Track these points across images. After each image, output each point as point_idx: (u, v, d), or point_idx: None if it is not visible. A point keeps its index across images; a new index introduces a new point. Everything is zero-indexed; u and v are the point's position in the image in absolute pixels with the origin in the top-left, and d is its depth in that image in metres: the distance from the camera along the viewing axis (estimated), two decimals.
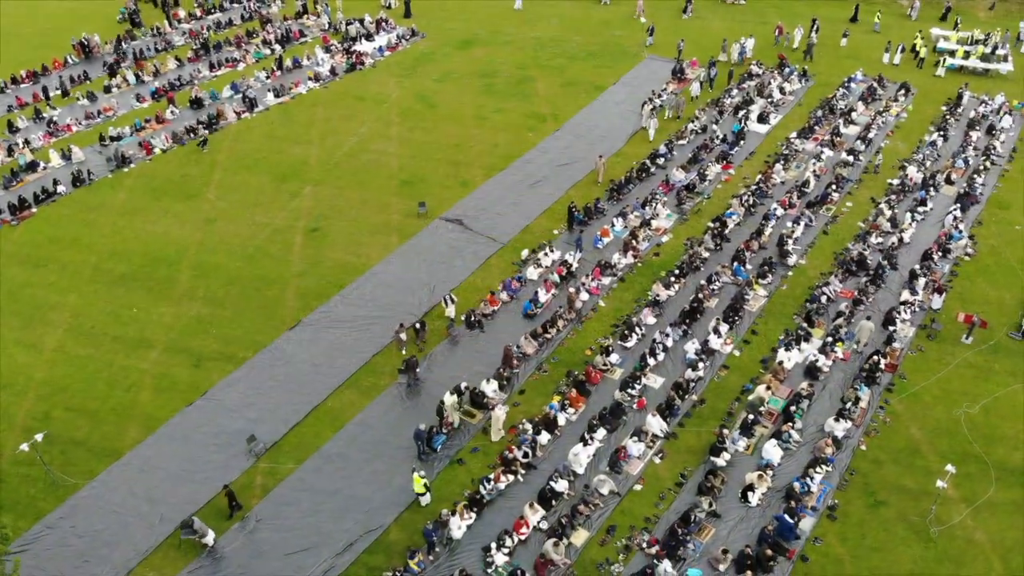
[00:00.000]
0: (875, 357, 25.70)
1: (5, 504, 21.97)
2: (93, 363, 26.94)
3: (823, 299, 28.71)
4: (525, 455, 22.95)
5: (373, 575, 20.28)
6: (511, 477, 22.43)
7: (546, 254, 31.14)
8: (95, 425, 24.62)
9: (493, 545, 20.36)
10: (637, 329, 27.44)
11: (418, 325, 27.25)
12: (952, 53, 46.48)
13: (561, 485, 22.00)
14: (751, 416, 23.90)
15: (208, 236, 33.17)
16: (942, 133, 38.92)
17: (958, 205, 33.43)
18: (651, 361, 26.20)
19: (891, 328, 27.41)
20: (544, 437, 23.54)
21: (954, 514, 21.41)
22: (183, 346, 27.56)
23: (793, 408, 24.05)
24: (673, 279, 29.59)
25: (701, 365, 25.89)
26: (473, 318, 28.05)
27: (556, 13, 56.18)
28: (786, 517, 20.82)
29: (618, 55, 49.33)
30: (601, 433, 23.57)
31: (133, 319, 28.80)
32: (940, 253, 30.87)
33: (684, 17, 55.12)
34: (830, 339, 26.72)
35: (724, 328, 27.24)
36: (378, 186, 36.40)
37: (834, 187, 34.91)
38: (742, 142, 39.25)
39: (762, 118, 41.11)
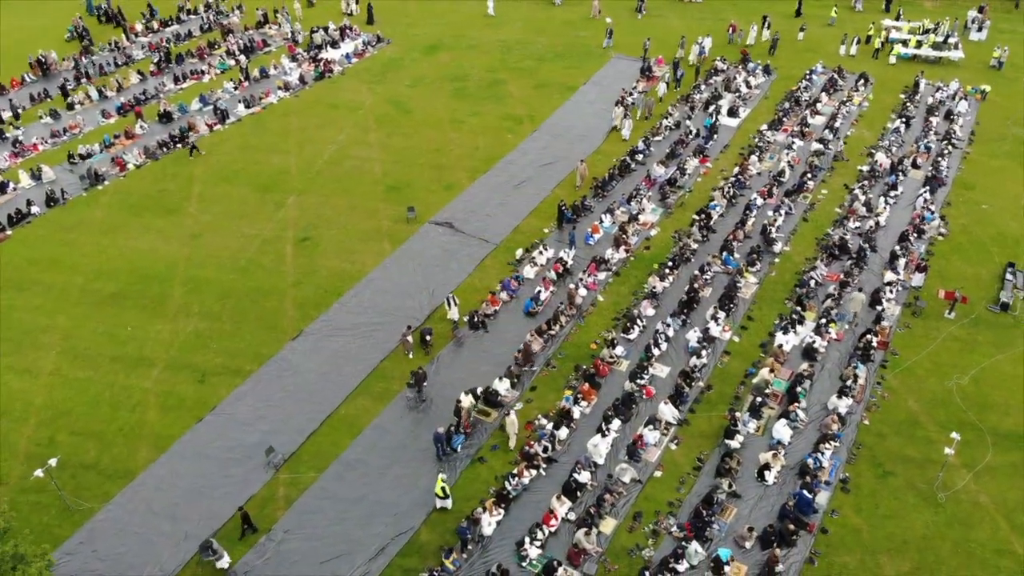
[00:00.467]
0: (868, 336, 26.80)
1: (20, 533, 21.35)
2: (94, 385, 26.36)
3: (811, 283, 29.78)
4: (545, 449, 23.32)
5: None
6: (534, 472, 22.77)
7: (540, 252, 31.58)
8: (104, 447, 24.14)
9: (526, 539, 20.67)
10: (639, 321, 28.07)
11: (427, 336, 27.23)
12: (905, 43, 48.47)
13: (584, 476, 22.46)
14: (759, 398, 24.71)
15: (196, 251, 32.69)
16: (904, 120, 40.63)
17: (927, 188, 34.99)
18: (655, 351, 26.84)
19: (879, 308, 28.60)
20: (563, 432, 23.94)
21: (957, 480, 22.53)
22: (185, 362, 27.17)
23: (798, 388, 24.93)
24: (667, 271, 30.32)
25: (704, 352, 26.64)
26: (476, 319, 28.30)
27: (518, 16, 56.73)
28: (804, 493, 21.63)
29: (584, 55, 50.08)
30: (616, 424, 24.09)
31: (129, 338, 28.26)
32: (915, 234, 32.29)
33: (638, 17, 56.12)
34: (823, 321, 27.76)
35: (721, 316, 28.06)
36: (364, 193, 36.34)
37: (809, 176, 36.18)
38: (715, 136, 40.33)
39: (732, 112, 42.29)
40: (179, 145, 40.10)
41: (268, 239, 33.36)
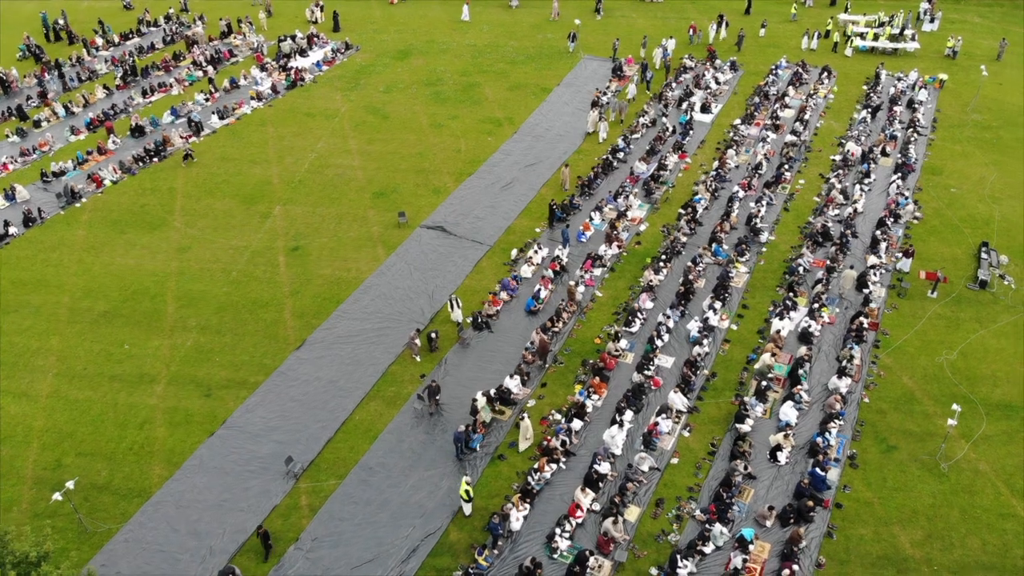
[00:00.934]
0: (860, 319, 27.85)
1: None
2: (96, 405, 25.86)
3: (800, 270, 30.78)
4: (563, 443, 23.70)
5: None
6: (554, 466, 23.13)
7: (535, 252, 31.97)
8: (115, 467, 23.71)
9: (557, 531, 21.02)
10: (639, 314, 28.66)
11: (433, 334, 27.39)
12: (863, 36, 50.26)
13: (604, 467, 22.91)
14: (763, 383, 25.50)
15: (185, 265, 32.24)
16: (870, 110, 42.16)
17: (899, 174, 36.42)
18: (658, 343, 27.45)
19: (866, 290, 29.72)
20: (576, 423, 24.35)
21: (957, 450, 23.60)
22: (189, 377, 26.82)
23: (801, 371, 25.79)
24: (661, 264, 31.00)
25: (705, 341, 27.35)
26: (480, 319, 28.56)
27: (484, 20, 57.14)
28: (817, 471, 22.43)
29: (555, 57, 50.73)
30: (629, 415, 24.58)
31: (127, 356, 27.77)
32: (892, 219, 33.60)
33: (598, 18, 56.84)
34: (815, 306, 28.73)
35: (718, 305, 28.83)
36: (350, 200, 36.27)
37: (786, 167, 37.34)
38: (691, 132, 41.29)
39: (705, 108, 43.33)
40: (155, 159, 39.44)
41: (258, 250, 33.08)
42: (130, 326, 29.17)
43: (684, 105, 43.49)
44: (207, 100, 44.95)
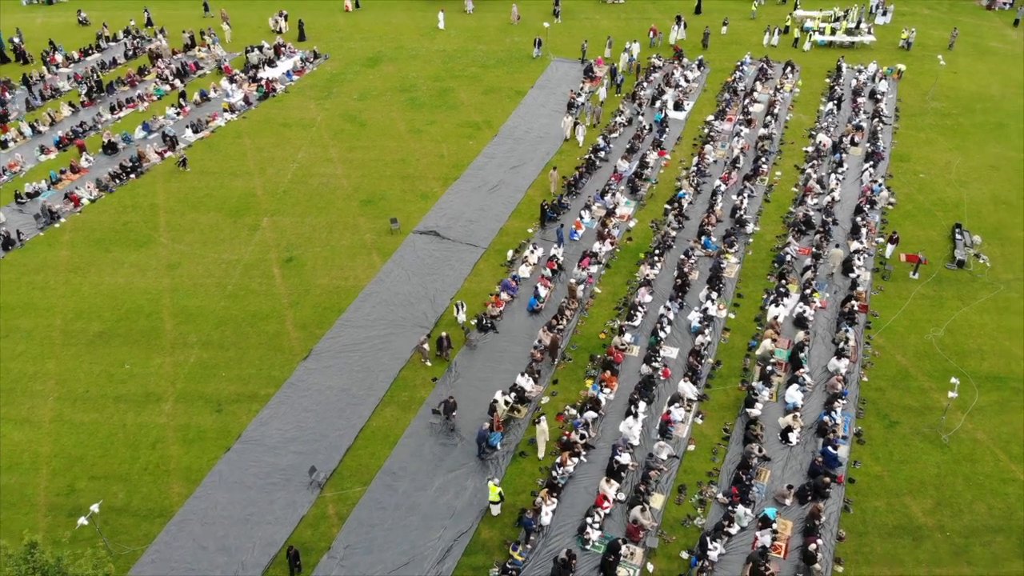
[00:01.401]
0: (850, 302, 28.99)
1: None
2: (103, 427, 25.38)
3: (788, 258, 31.85)
4: (582, 437, 24.16)
5: (481, 574, 20.79)
6: (575, 459, 23.59)
7: (531, 252, 32.40)
8: (132, 488, 23.34)
9: (588, 522, 21.47)
10: (639, 308, 29.32)
11: (444, 338, 27.47)
12: (821, 31, 52.05)
13: (625, 458, 23.44)
14: (768, 368, 26.37)
15: (178, 281, 31.79)
16: (835, 102, 43.73)
17: (870, 163, 37.91)
18: (662, 335, 28.14)
19: (852, 275, 30.92)
20: (589, 414, 24.84)
21: (955, 422, 24.79)
22: (196, 393, 26.51)
23: (801, 355, 26.75)
24: (655, 259, 31.74)
25: (707, 331, 28.14)
26: (484, 321, 28.86)
27: (451, 26, 57.32)
28: (829, 449, 23.34)
29: (525, 60, 51.28)
30: (642, 406, 25.19)
31: (129, 376, 27.31)
32: (869, 205, 34.98)
33: (556, 21, 57.16)
34: (807, 291, 29.79)
35: (714, 296, 29.67)
36: (339, 209, 36.18)
37: (763, 160, 38.52)
38: (667, 129, 42.25)
39: (678, 106, 44.38)
40: (132, 175, 38.73)
41: (251, 263, 32.79)
42: (128, 345, 28.67)
43: (657, 104, 44.46)
44: (178, 114, 44.24)
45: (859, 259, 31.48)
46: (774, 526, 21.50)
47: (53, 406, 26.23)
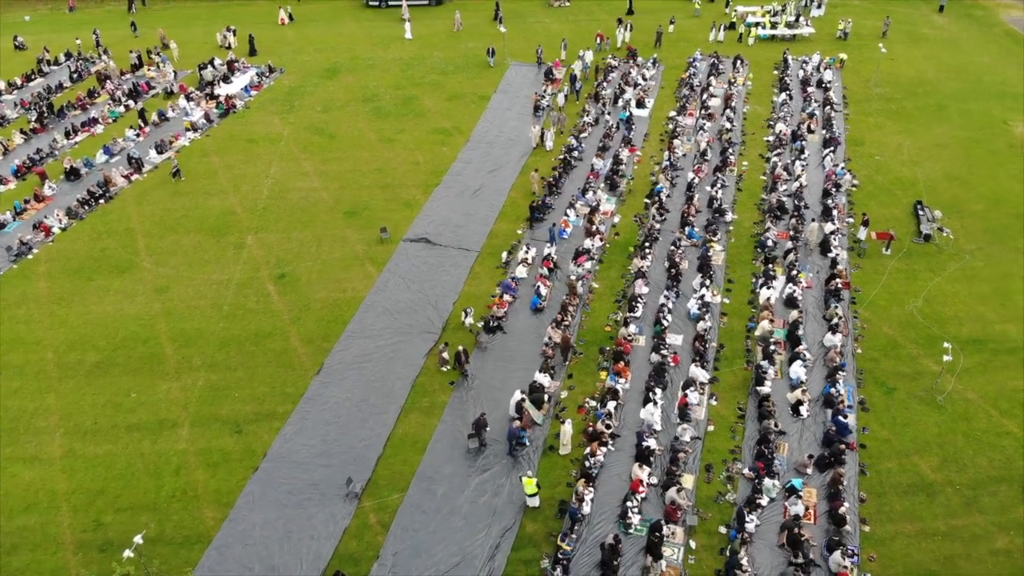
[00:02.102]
0: (834, 280, 30.66)
1: None
2: (120, 458, 24.80)
3: (769, 243, 33.39)
4: (607, 427, 24.93)
5: (532, 568, 21.30)
6: (604, 448, 24.33)
7: (525, 252, 33.01)
8: (162, 517, 22.92)
9: (628, 505, 22.23)
10: (639, 299, 30.29)
11: (461, 352, 27.63)
12: (763, 26, 54.38)
13: (652, 442, 24.31)
14: (769, 347, 27.69)
15: (169, 305, 31.16)
16: (787, 93, 45.84)
17: (829, 148, 39.98)
18: (665, 323, 29.18)
19: (830, 255, 32.65)
20: (610, 404, 25.63)
21: (946, 385, 26.57)
22: (212, 416, 26.15)
23: (799, 332, 28.18)
24: (646, 251, 32.80)
25: (706, 317, 29.31)
26: (491, 323, 29.33)
27: (400, 34, 57.29)
28: (840, 418, 24.76)
29: (483, 66, 51.83)
30: (659, 392, 26.13)
31: (138, 404, 26.71)
32: (835, 188, 36.93)
33: (500, 28, 56.33)
34: (793, 272, 31.34)
35: (708, 283, 30.91)
36: (323, 222, 36.01)
37: (729, 152, 40.13)
38: (633, 126, 43.51)
39: (640, 103, 45.72)
40: (101, 201, 37.63)
41: (243, 282, 32.38)
42: (129, 373, 28.00)
43: (620, 102, 45.70)
44: (138, 135, 43.11)
45: (835, 239, 33.25)
46: (802, 495, 22.70)
47: (61, 441, 25.46)
